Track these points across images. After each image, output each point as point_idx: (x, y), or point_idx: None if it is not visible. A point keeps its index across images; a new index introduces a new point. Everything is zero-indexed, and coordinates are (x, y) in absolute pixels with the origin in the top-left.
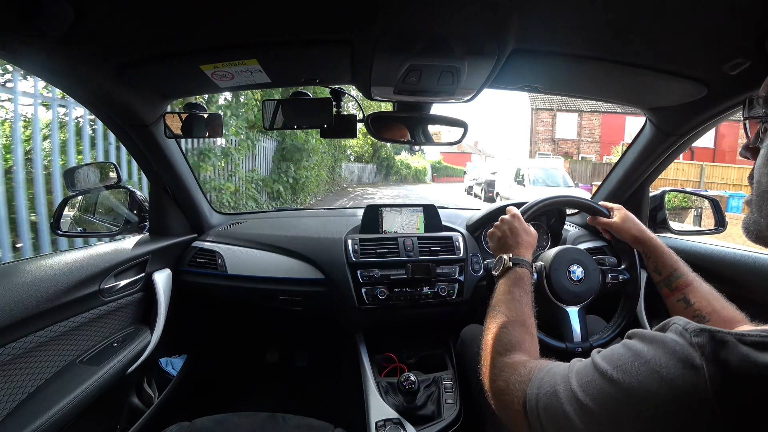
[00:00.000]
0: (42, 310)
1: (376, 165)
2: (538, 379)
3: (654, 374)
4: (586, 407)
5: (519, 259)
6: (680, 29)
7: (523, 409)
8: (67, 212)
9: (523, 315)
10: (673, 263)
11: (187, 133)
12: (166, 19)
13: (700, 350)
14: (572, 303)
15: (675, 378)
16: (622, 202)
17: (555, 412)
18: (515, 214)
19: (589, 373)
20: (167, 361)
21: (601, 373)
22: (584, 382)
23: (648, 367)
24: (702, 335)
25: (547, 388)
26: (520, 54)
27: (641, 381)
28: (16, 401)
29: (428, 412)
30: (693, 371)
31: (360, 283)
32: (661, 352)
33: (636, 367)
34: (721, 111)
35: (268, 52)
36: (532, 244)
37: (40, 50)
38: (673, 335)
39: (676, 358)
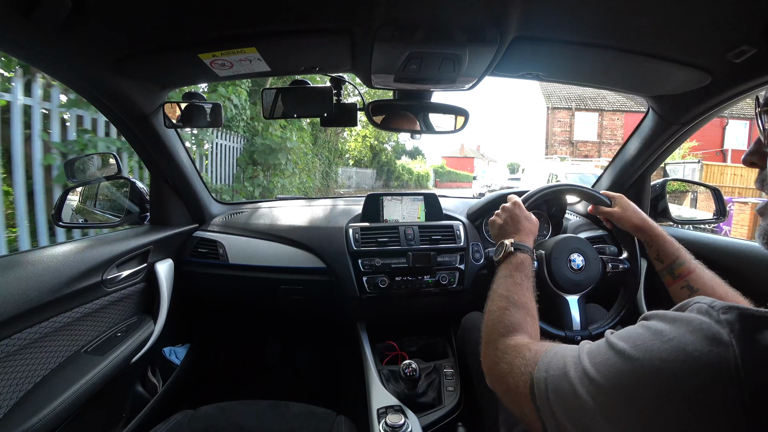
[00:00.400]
0: (45, 301)
1: (375, 170)
2: (545, 362)
3: (678, 351)
4: (600, 387)
5: (520, 245)
6: (684, 16)
7: (530, 393)
8: (68, 203)
9: (524, 298)
10: (675, 251)
11: (186, 123)
12: (164, 8)
13: (729, 327)
14: (572, 292)
15: (702, 355)
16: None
17: (566, 394)
18: (516, 201)
19: (603, 353)
20: (171, 351)
21: (617, 351)
22: (598, 362)
23: (671, 344)
24: (730, 312)
25: (555, 371)
26: (521, 41)
27: (663, 358)
28: (23, 391)
29: (429, 399)
30: (722, 348)
31: (361, 272)
32: (685, 330)
33: (658, 345)
34: (725, 99)
35: (267, 40)
36: (534, 231)
37: (37, 41)
38: (698, 314)
39: (702, 335)
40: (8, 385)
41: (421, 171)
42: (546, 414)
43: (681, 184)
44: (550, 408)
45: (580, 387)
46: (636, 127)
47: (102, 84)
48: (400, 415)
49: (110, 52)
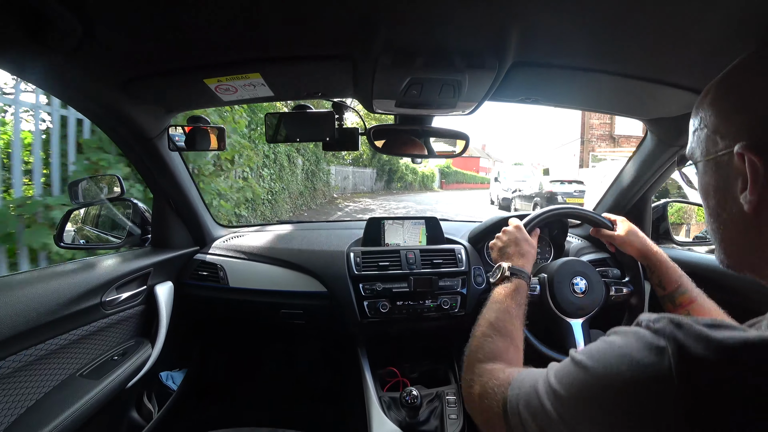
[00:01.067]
0: (43, 322)
1: (375, 169)
2: (518, 380)
3: (623, 358)
4: (562, 398)
5: (517, 270)
6: (678, 40)
7: (503, 412)
8: (70, 225)
9: (510, 326)
10: (677, 278)
11: (190, 146)
12: (171, 34)
13: (662, 334)
14: (576, 316)
15: (642, 359)
16: (624, 213)
17: (534, 408)
18: (518, 225)
19: (566, 366)
20: (167, 375)
21: (576, 362)
22: (562, 375)
23: (619, 352)
24: (662, 321)
25: (526, 388)
26: (520, 67)
27: (611, 365)
28: (15, 415)
29: (431, 427)
30: (657, 352)
31: (362, 297)
32: (631, 340)
33: (608, 354)
34: None
35: (271, 66)
36: (533, 255)
37: (47, 65)
38: (641, 328)
39: (643, 342)
40: (1, 408)
41: (426, 171)
42: (518, 430)
43: (677, 217)
44: (522, 425)
45: (547, 401)
46: (636, 148)
47: (108, 106)
48: None
49: (117, 75)
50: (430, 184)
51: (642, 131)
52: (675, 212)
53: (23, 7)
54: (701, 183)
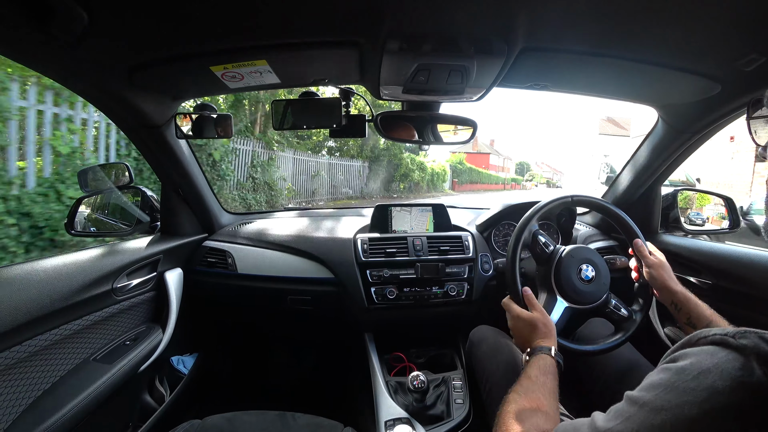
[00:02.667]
0: (57, 308)
1: (367, 163)
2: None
3: (706, 388)
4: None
5: (540, 348)
6: (693, 25)
7: None
8: (80, 212)
9: (536, 394)
10: (709, 315)
11: (197, 134)
12: (177, 22)
13: (754, 352)
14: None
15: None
16: (634, 201)
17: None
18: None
19: (626, 412)
20: (178, 360)
21: (642, 405)
22: (623, 420)
23: (698, 381)
24: (748, 336)
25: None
26: (529, 52)
27: (689, 397)
28: (32, 398)
29: (437, 411)
30: (748, 375)
31: (369, 283)
32: (708, 364)
33: (682, 385)
34: (735, 108)
35: (277, 53)
36: (547, 330)
37: (53, 54)
38: (712, 347)
39: (727, 366)
40: (18, 391)
41: (436, 167)
42: None
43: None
44: None
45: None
46: (646, 136)
47: (115, 95)
48: (408, 427)
49: (124, 63)
50: (440, 185)
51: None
52: (682, 199)
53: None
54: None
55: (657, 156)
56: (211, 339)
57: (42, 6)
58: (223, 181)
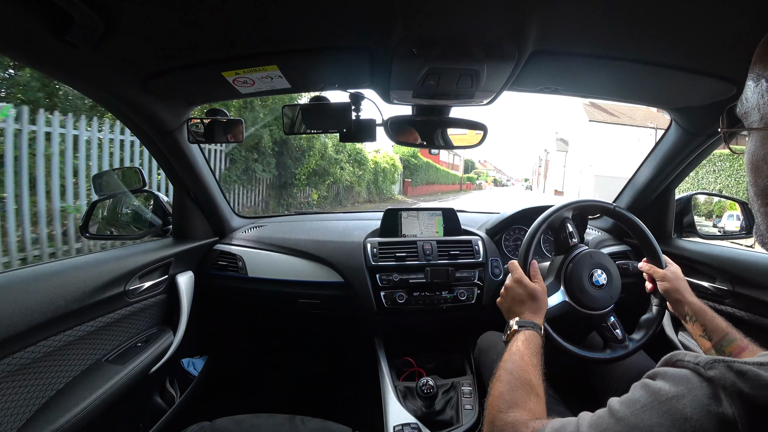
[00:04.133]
0: (71, 310)
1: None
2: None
3: (677, 414)
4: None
5: (525, 322)
6: (706, 26)
7: None
8: (94, 216)
9: (528, 375)
10: (724, 327)
11: (209, 139)
12: (190, 28)
13: (721, 384)
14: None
15: (700, 419)
16: (647, 205)
17: None
18: (517, 278)
19: (605, 422)
20: (189, 362)
21: (618, 419)
22: (594, 425)
23: (670, 404)
24: (717, 367)
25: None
26: (540, 56)
27: (661, 422)
28: (46, 397)
29: (447, 417)
30: (718, 409)
31: (379, 287)
32: (682, 390)
33: (656, 406)
34: None
35: (288, 58)
36: (540, 305)
37: (70, 61)
38: (687, 372)
39: (698, 395)
40: (32, 390)
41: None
42: None
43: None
44: None
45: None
46: (659, 139)
47: (129, 100)
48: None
49: (138, 70)
50: (387, 188)
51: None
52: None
53: (47, 4)
54: (755, 154)
55: (671, 160)
56: (221, 342)
57: (59, 14)
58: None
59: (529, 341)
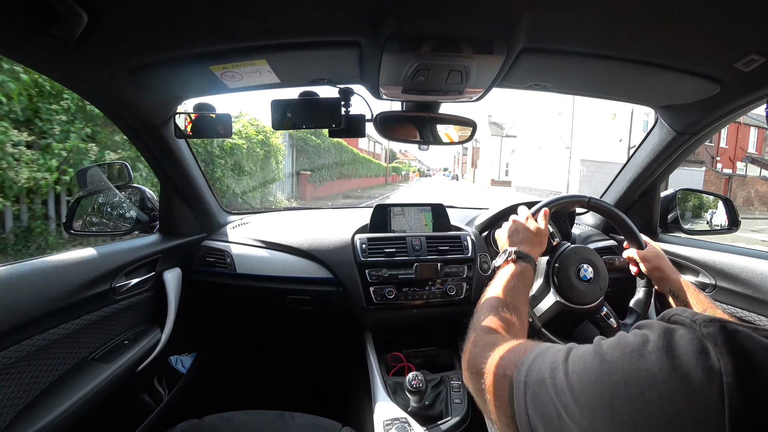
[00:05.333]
0: (55, 308)
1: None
2: (526, 364)
3: (664, 362)
4: (571, 386)
5: (523, 254)
6: (692, 26)
7: (509, 396)
8: (79, 211)
9: (517, 302)
10: (707, 302)
11: (196, 134)
12: (177, 23)
13: (713, 340)
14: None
15: (687, 370)
16: (633, 202)
17: (545, 402)
18: (527, 214)
19: (588, 359)
20: (177, 359)
21: (602, 359)
22: (582, 369)
23: (658, 355)
24: (711, 325)
25: (536, 375)
26: (529, 53)
27: (647, 369)
28: (30, 397)
29: (436, 411)
30: (706, 362)
31: (368, 283)
32: (672, 342)
33: (644, 355)
34: (734, 109)
35: (277, 53)
36: (541, 243)
37: (54, 54)
38: (681, 327)
39: (688, 347)
40: (17, 390)
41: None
42: (522, 421)
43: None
44: (527, 413)
45: (561, 393)
46: (644, 137)
47: (115, 94)
48: (406, 427)
49: (124, 63)
50: (260, 191)
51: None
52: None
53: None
54: None
55: (656, 157)
56: (209, 339)
57: (43, 7)
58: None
59: (523, 274)
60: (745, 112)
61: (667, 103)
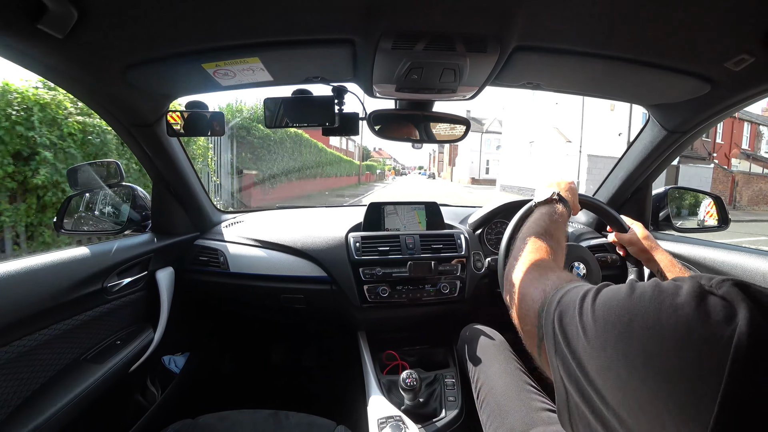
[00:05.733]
0: (46, 308)
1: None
2: (565, 288)
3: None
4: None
5: (565, 199)
6: (683, 26)
7: (539, 308)
8: (70, 210)
9: (558, 234)
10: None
11: (189, 132)
12: (169, 20)
13: (728, 296)
14: None
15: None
16: (626, 200)
17: (569, 320)
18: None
19: (620, 292)
20: (170, 359)
21: (633, 292)
22: (610, 296)
23: (687, 299)
24: (725, 284)
25: (569, 298)
26: (522, 51)
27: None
28: (21, 398)
29: (430, 409)
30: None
31: (362, 281)
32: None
33: (677, 296)
34: (725, 108)
35: (270, 50)
36: (576, 203)
37: (43, 51)
38: (699, 288)
39: (702, 303)
40: (7, 392)
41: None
42: (547, 331)
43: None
44: (554, 339)
45: (583, 315)
46: (636, 135)
47: (106, 93)
48: (401, 425)
49: (114, 60)
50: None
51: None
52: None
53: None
54: None
55: (647, 155)
56: (203, 338)
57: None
58: None
59: (563, 215)
60: (735, 111)
61: (659, 101)
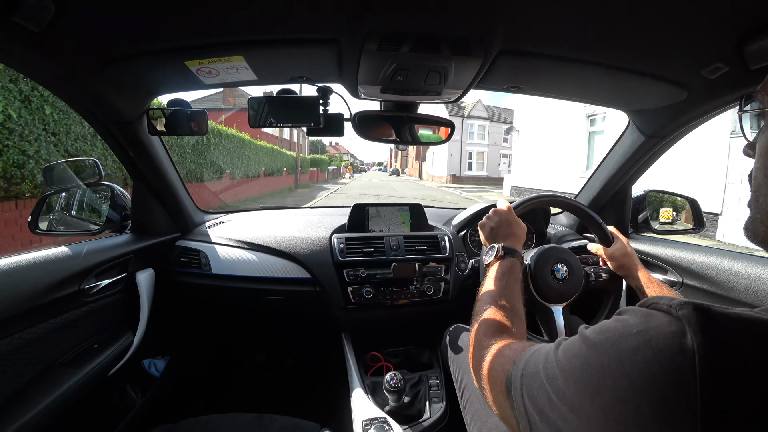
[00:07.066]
0: (20, 311)
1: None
2: (523, 359)
3: (643, 343)
4: (568, 377)
5: (511, 249)
6: (661, 33)
7: (506, 390)
8: (45, 210)
9: (512, 300)
10: (674, 296)
11: (170, 130)
12: (151, 14)
13: (687, 321)
14: (556, 301)
15: (665, 347)
16: (606, 203)
17: (538, 390)
18: (508, 206)
19: (576, 346)
20: (150, 363)
21: (589, 344)
22: (570, 355)
23: (638, 337)
24: (686, 307)
25: (531, 368)
26: (506, 56)
27: (629, 349)
28: None
29: (414, 410)
30: (681, 339)
31: (346, 283)
32: (651, 324)
33: (625, 337)
34: (701, 113)
35: (254, 49)
36: (523, 237)
37: (19, 44)
38: (659, 312)
39: (664, 329)
40: None
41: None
42: (519, 411)
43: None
44: (524, 405)
45: (552, 380)
46: (617, 139)
47: (85, 89)
48: (385, 426)
49: (94, 56)
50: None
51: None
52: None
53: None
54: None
55: (627, 159)
56: (184, 341)
57: None
58: None
59: (513, 269)
60: (710, 117)
61: (638, 107)
